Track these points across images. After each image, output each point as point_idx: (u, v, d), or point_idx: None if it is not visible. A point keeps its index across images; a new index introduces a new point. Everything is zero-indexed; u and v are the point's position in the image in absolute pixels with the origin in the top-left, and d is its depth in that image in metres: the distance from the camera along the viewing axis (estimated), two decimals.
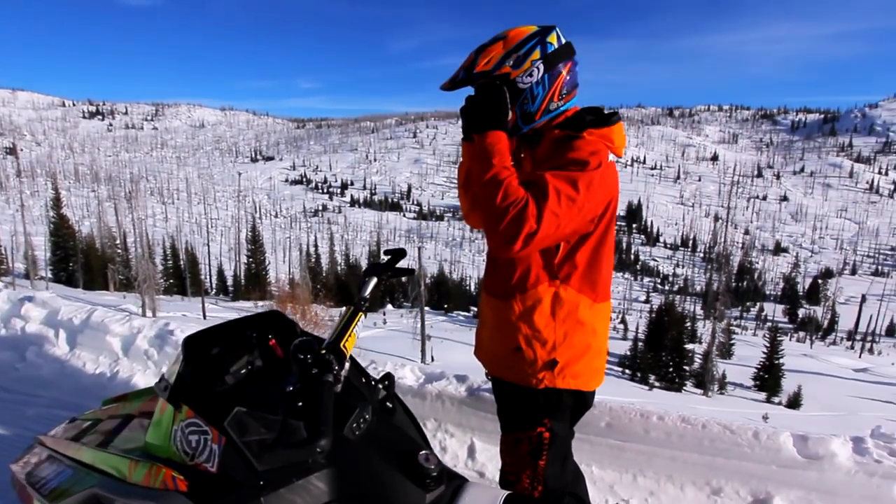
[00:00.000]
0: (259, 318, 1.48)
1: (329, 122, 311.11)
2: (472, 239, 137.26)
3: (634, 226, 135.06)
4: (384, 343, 24.81)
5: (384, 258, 1.55)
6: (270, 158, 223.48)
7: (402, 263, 1.57)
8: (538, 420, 1.47)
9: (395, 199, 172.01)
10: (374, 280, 1.46)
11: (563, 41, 1.39)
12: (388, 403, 1.36)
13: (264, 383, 1.32)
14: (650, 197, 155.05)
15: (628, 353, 26.66)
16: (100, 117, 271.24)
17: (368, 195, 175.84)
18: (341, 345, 1.19)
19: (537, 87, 1.36)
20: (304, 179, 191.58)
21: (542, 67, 1.35)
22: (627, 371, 26.00)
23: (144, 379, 2.91)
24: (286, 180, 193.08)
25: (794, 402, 24.52)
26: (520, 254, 1.26)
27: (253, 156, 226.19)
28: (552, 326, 1.39)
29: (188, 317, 26.15)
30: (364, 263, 54.51)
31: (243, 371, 1.34)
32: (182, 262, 41.33)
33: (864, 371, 34.62)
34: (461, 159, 1.62)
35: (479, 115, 1.34)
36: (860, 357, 43.52)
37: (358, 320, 1.31)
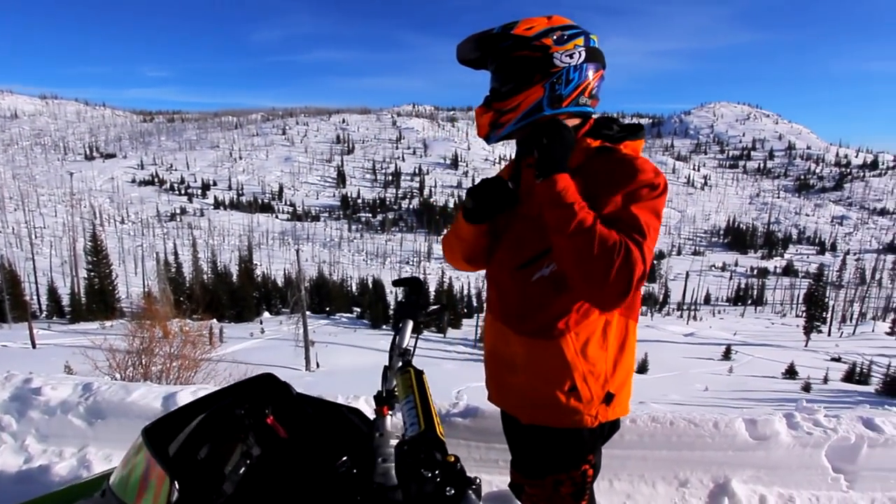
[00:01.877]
0: (245, 388, 1.11)
1: (183, 116, 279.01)
2: (351, 239, 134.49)
3: None
4: (265, 353, 23.05)
5: (402, 292, 1.27)
6: (111, 156, 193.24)
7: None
8: (583, 458, 1.33)
9: (266, 200, 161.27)
10: (411, 323, 1.18)
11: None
12: None
13: (275, 481, 0.98)
14: None
15: None
16: None
17: (235, 196, 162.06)
18: (439, 433, 0.86)
19: (574, 72, 1.25)
20: (157, 179, 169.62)
21: (583, 54, 1.26)
22: None
23: (1, 459, 2.15)
24: (133, 181, 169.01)
25: (643, 368, 28.37)
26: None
27: (88, 153, 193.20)
28: (604, 357, 1.28)
29: (11, 347, 21.55)
30: (235, 270, 50.06)
31: (242, 470, 0.98)
32: None
33: (690, 335, 41.68)
34: (455, 226, 1.45)
35: (547, 157, 1.20)
36: (687, 324, 52.27)
37: (427, 385, 1.01)
